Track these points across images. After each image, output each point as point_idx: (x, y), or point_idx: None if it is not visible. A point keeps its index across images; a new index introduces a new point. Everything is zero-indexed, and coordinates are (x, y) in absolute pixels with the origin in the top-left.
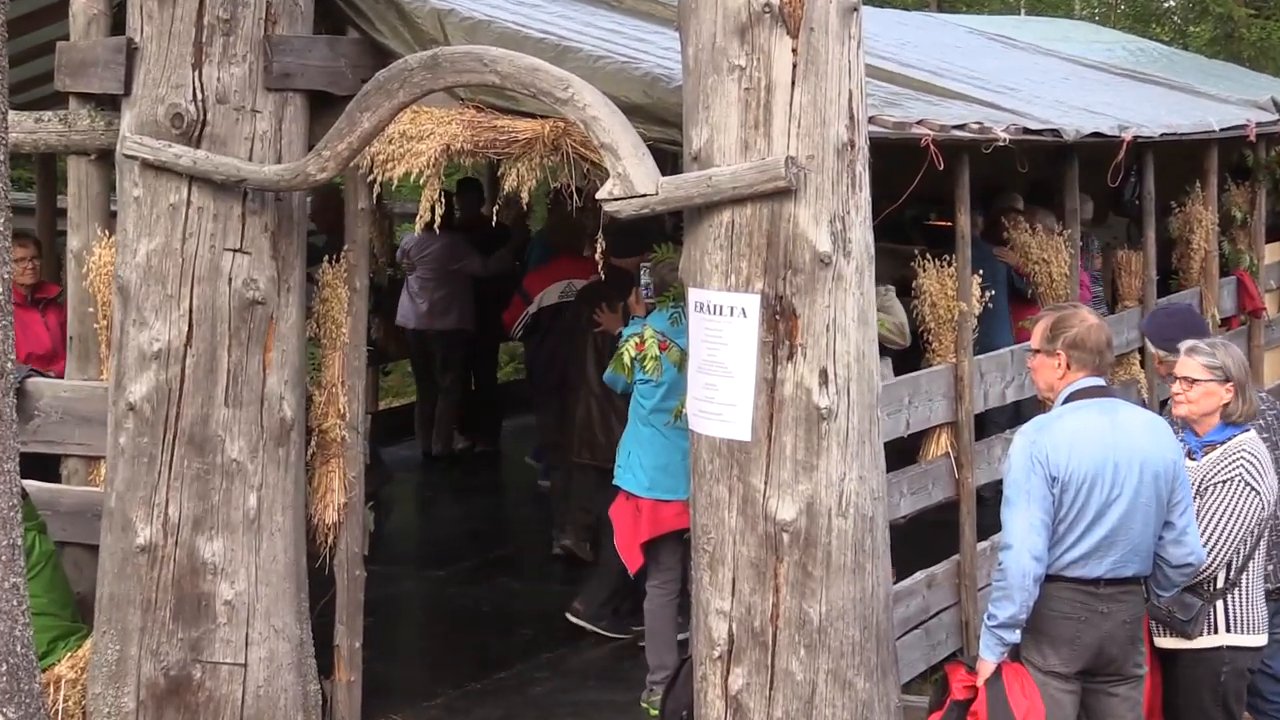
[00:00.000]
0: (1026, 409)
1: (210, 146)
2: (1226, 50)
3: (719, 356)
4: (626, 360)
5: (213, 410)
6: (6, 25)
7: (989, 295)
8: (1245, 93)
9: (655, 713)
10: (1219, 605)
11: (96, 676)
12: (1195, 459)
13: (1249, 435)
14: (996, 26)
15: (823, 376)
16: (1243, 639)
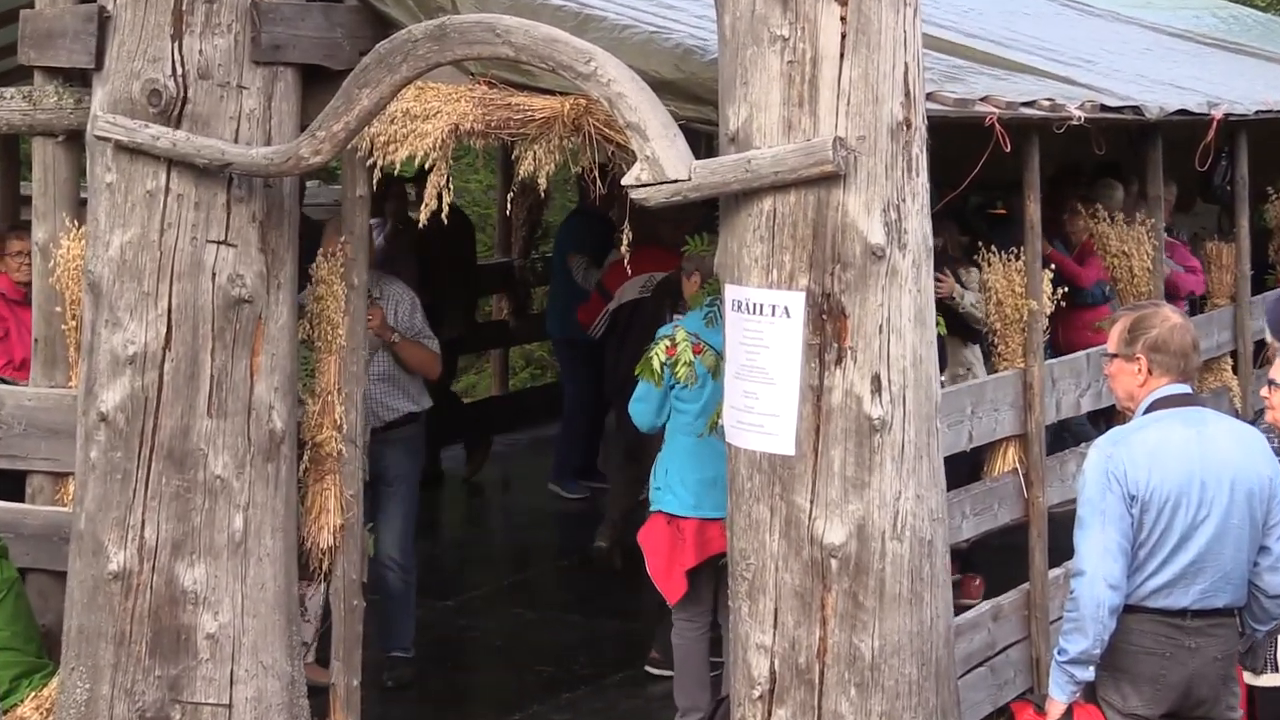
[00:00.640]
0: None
1: (191, 127)
2: None
3: (759, 361)
4: (656, 366)
5: (194, 421)
6: None
7: (1061, 292)
8: None
9: None
10: None
11: (64, 718)
12: None
13: None
14: None
15: (875, 383)
16: None
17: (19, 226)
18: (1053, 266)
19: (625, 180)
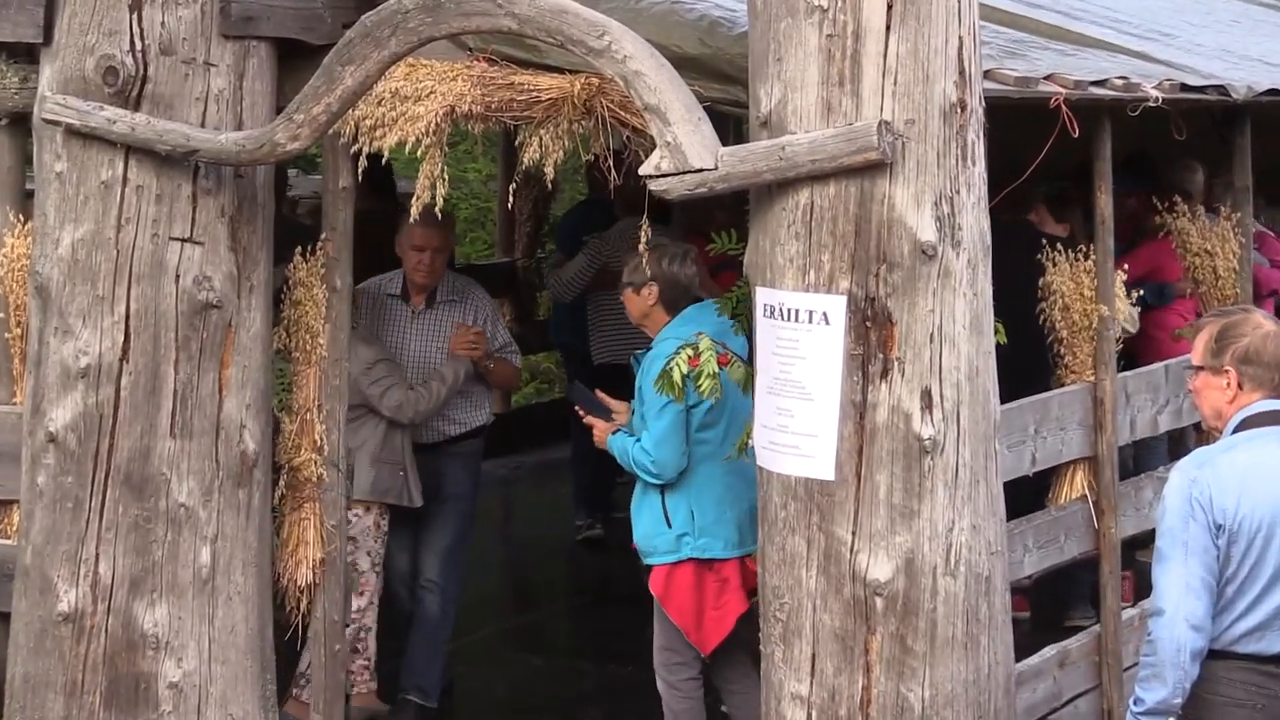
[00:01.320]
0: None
1: (152, 109)
2: None
3: (794, 374)
4: (677, 378)
5: (155, 442)
6: None
7: (1137, 295)
8: None
9: None
10: None
11: None
12: None
13: None
14: None
15: (925, 399)
16: None
17: None
18: (1125, 267)
19: (643, 169)
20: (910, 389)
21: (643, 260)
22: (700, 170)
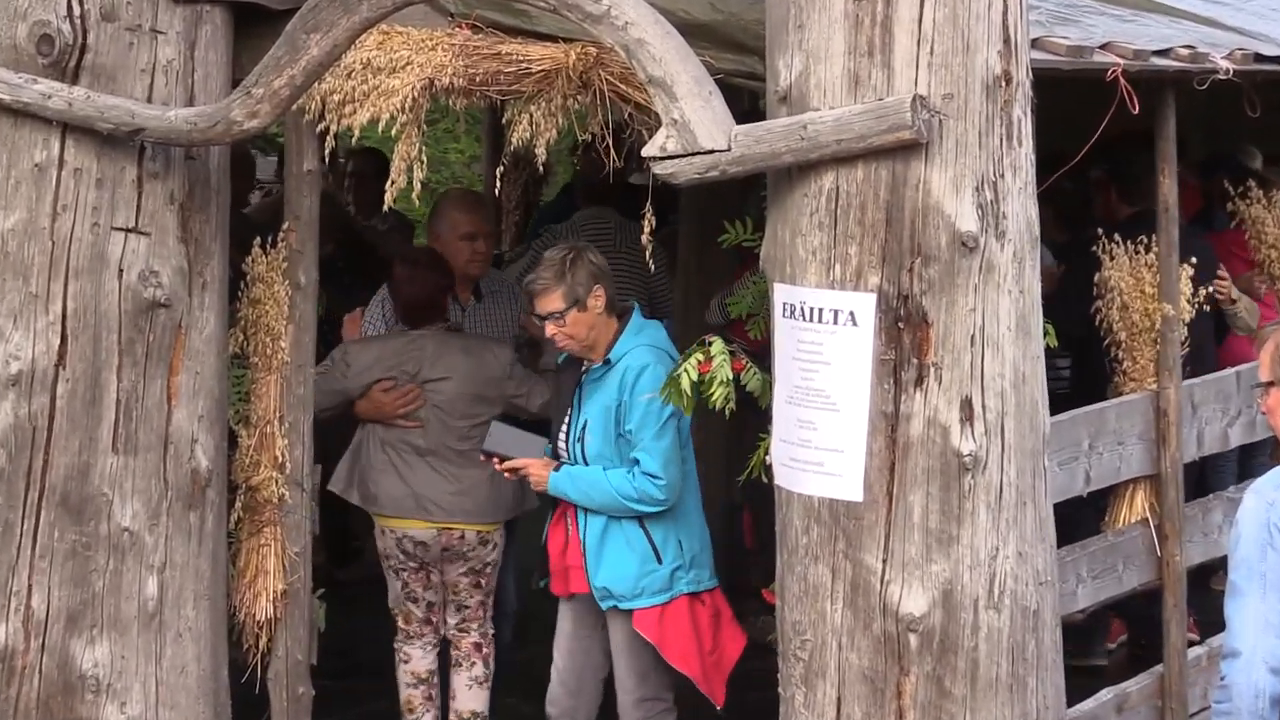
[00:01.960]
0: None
1: (93, 82)
2: None
3: (817, 381)
4: (686, 385)
5: (95, 458)
6: None
7: (1207, 292)
8: None
9: None
10: None
11: None
12: None
13: None
14: None
15: (965, 410)
16: None
17: None
18: (1193, 260)
19: (647, 150)
20: (948, 398)
21: (566, 270)
22: (711, 151)
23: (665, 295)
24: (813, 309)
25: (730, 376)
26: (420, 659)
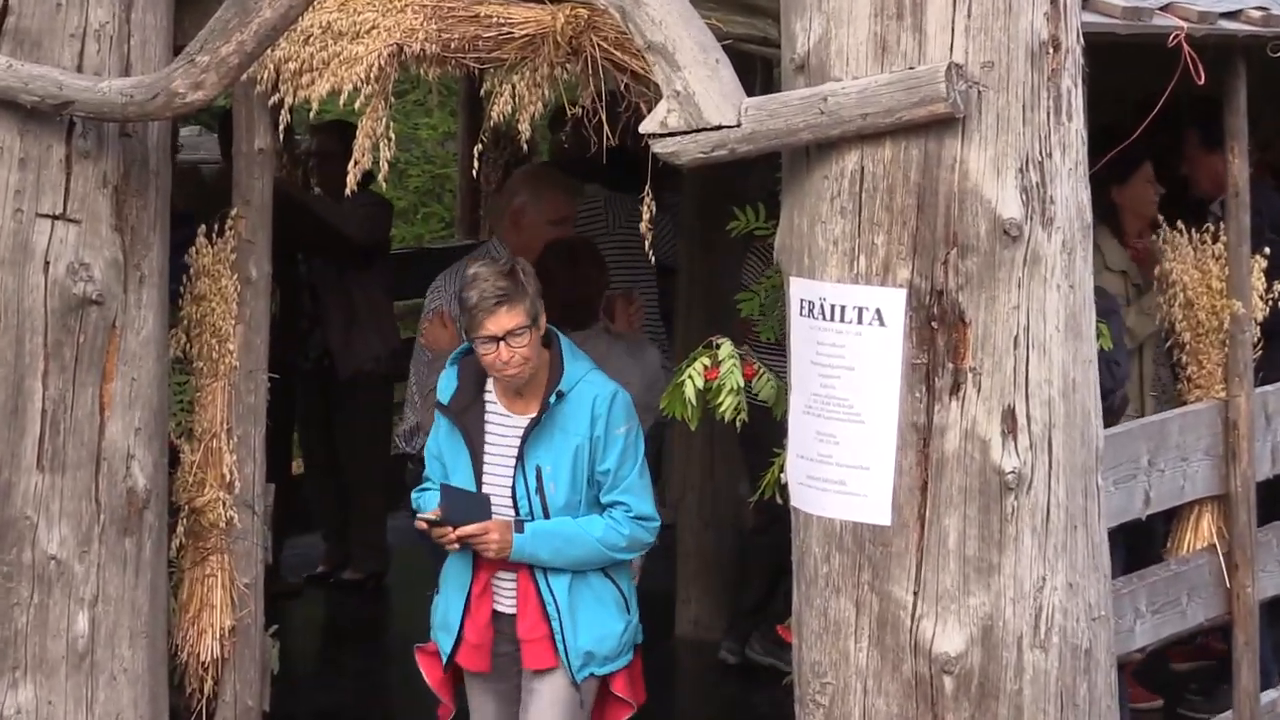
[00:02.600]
0: None
1: (15, 49)
2: None
3: (839, 389)
4: (691, 394)
5: (17, 477)
6: None
7: None
8: None
9: None
10: None
11: None
12: None
13: None
14: None
15: (1008, 421)
16: None
17: None
18: (1267, 251)
19: (645, 126)
20: (988, 408)
21: (522, 280)
22: (718, 128)
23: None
24: (834, 306)
25: (741, 383)
26: None
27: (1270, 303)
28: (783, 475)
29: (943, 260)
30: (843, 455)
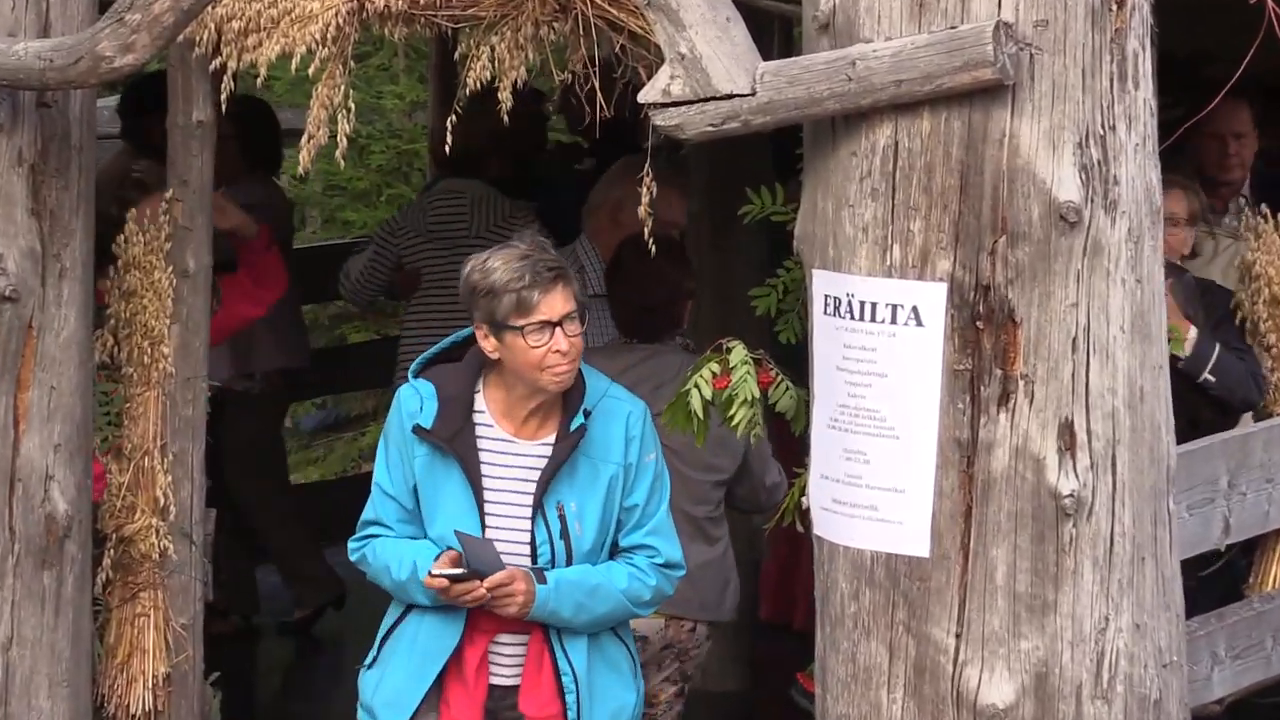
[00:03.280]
0: None
1: None
2: None
3: (870, 400)
4: (697, 406)
5: None
6: None
7: None
8: None
9: None
10: None
11: None
12: None
13: None
14: None
15: (1065, 436)
16: None
17: None
18: None
19: (645, 95)
20: (1042, 421)
21: (568, 269)
22: (729, 96)
23: None
24: (864, 304)
25: (756, 394)
26: None
27: None
28: (804, 499)
29: (989, 250)
30: (874, 476)
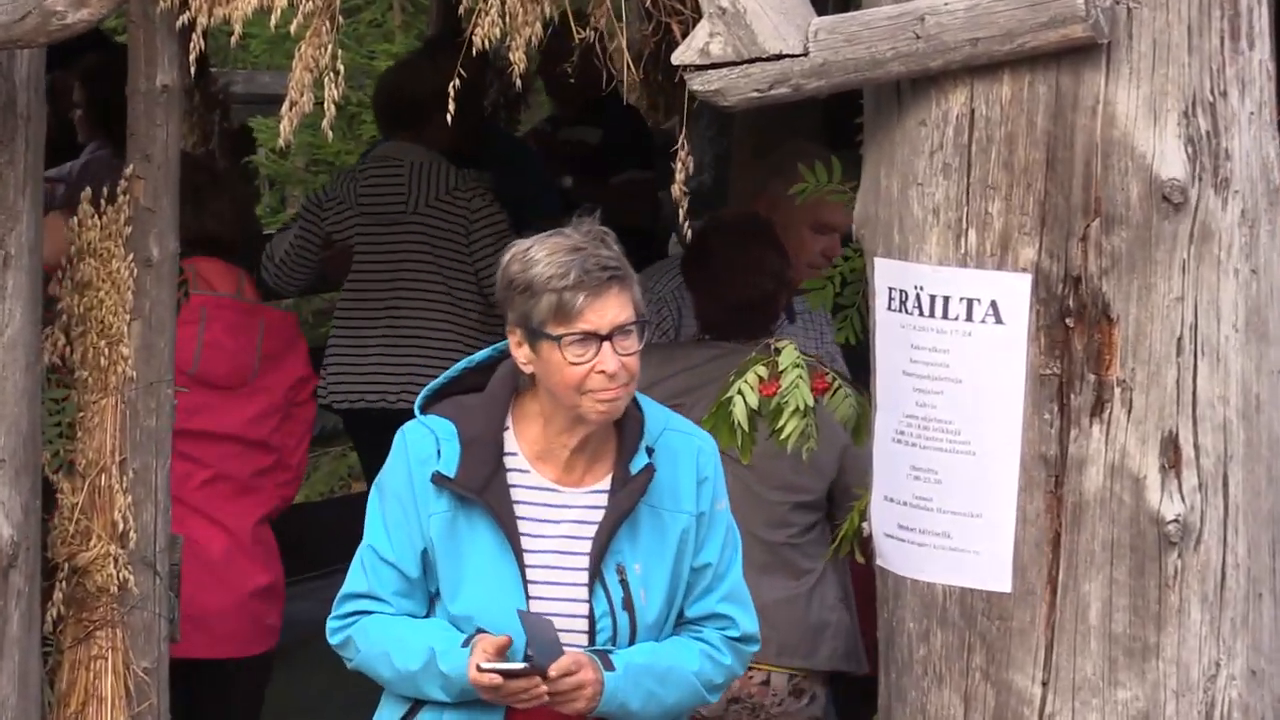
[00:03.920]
0: None
1: None
2: None
3: (942, 409)
4: (741, 417)
5: None
6: None
7: None
8: None
9: None
10: None
11: None
12: None
13: None
14: None
15: (1169, 452)
16: None
17: None
18: None
19: (680, 55)
20: (1142, 435)
21: (629, 270)
22: (779, 57)
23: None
24: (934, 298)
25: (809, 401)
26: None
27: None
28: (865, 525)
29: (1080, 236)
30: (946, 498)
